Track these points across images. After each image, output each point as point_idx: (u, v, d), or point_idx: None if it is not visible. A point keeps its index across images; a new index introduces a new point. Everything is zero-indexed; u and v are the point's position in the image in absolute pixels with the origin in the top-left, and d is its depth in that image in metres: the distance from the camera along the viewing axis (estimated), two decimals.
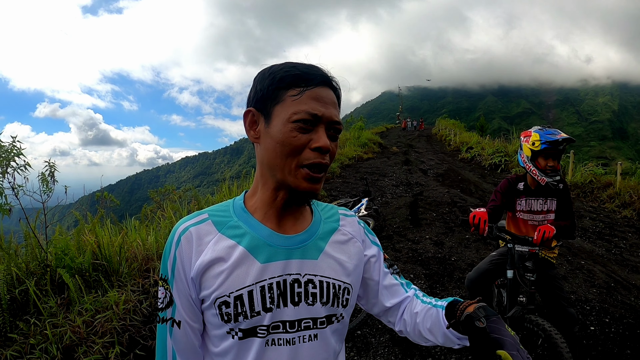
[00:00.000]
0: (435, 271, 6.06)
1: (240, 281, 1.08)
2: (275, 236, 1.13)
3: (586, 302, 5.02)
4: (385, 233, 8.08)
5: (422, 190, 12.34)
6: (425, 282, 5.66)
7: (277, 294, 1.09)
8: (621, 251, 7.26)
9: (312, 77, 1.07)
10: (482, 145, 21.37)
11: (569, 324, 3.24)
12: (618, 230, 8.58)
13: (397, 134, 39.42)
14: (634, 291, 5.48)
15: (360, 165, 18.01)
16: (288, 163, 1.06)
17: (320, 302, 1.14)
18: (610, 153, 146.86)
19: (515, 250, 3.18)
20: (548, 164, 3.27)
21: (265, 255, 1.10)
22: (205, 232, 1.12)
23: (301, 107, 1.04)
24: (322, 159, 1.06)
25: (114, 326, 3.70)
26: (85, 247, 4.68)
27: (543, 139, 3.29)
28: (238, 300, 1.07)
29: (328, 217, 1.28)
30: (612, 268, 6.35)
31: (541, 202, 3.45)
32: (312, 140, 1.05)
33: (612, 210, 10.15)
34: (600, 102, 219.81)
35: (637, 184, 10.75)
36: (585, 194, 11.57)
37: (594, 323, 4.58)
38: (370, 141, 25.34)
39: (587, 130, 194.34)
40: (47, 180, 5.01)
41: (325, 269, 1.16)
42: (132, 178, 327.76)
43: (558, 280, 3.38)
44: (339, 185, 13.26)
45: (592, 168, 12.50)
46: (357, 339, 4.44)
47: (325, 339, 1.16)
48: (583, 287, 5.45)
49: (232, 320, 1.08)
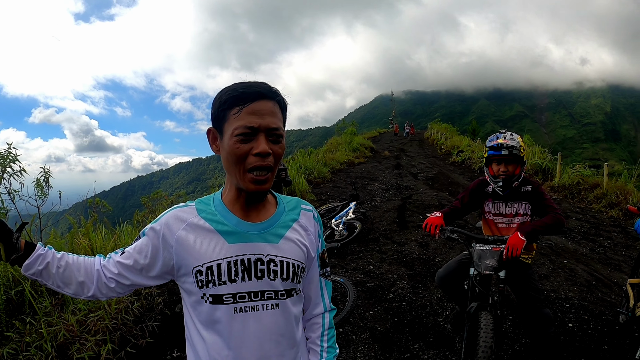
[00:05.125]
0: (419, 272, 6.12)
1: (211, 255, 1.36)
2: (242, 223, 1.41)
3: (566, 300, 5.08)
4: (372, 236, 8.14)
5: (411, 194, 12.39)
6: (408, 283, 5.72)
7: (242, 269, 1.36)
8: (605, 250, 7.36)
9: (248, 95, 1.30)
10: (473, 149, 21.51)
11: (543, 325, 3.27)
12: (604, 230, 8.68)
13: (389, 139, 39.56)
14: (615, 289, 5.56)
15: (352, 170, 18.10)
16: (238, 169, 1.32)
17: (281, 278, 1.41)
18: (603, 155, 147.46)
19: (476, 249, 3.20)
20: (500, 169, 3.33)
21: (233, 238, 1.38)
22: (187, 213, 1.42)
23: (240, 122, 1.29)
24: (262, 161, 1.30)
25: (106, 325, 3.94)
26: (79, 250, 4.86)
27: (487, 144, 3.40)
28: (209, 270, 1.35)
29: (291, 209, 1.54)
30: (594, 267, 6.43)
31: (508, 206, 3.46)
32: (253, 147, 1.29)
33: (598, 211, 10.25)
34: (592, 104, 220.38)
35: (623, 185, 10.86)
36: (573, 195, 11.68)
37: (573, 320, 4.64)
38: (362, 146, 25.45)
39: (580, 132, 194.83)
40: (42, 186, 5.08)
41: (287, 251, 1.43)
42: (126, 184, 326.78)
43: (533, 281, 3.39)
44: (329, 190, 13.33)
45: (580, 169, 12.56)
46: (339, 336, 4.49)
47: (285, 308, 1.43)
48: (564, 286, 5.52)
49: (204, 286, 1.35)
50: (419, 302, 5.17)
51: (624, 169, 12.39)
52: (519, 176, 3.34)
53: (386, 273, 6.11)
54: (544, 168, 13.88)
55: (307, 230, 1.54)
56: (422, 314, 4.89)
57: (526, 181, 3.42)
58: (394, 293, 5.43)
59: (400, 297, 5.30)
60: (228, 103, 1.31)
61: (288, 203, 1.56)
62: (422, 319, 4.79)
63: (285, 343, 1.45)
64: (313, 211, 1.60)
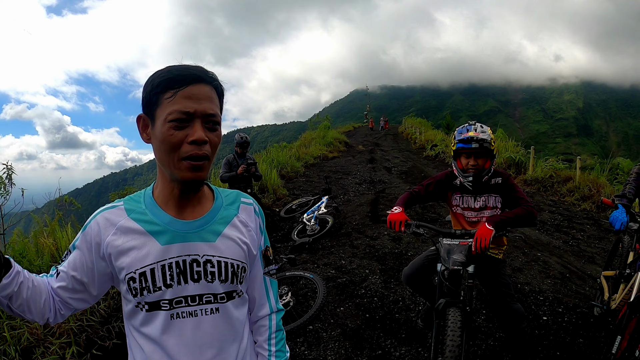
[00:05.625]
0: (391, 266, 5.99)
1: (143, 260, 1.24)
2: (175, 222, 1.29)
3: (540, 293, 5.00)
4: (345, 230, 8.01)
5: (384, 188, 12.33)
6: (380, 278, 5.58)
7: (177, 272, 1.26)
8: (578, 243, 7.35)
9: (184, 77, 1.19)
10: (446, 143, 21.51)
11: (515, 320, 3.19)
12: (576, 222, 8.70)
13: (364, 133, 39.52)
14: (589, 281, 5.51)
15: (325, 164, 18.00)
16: (172, 158, 1.19)
17: (219, 280, 1.30)
18: (576, 149, 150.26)
19: (443, 244, 3.05)
20: (470, 163, 3.16)
21: (166, 238, 1.26)
22: (115, 215, 1.29)
23: (174, 107, 1.17)
24: (198, 150, 1.19)
25: (71, 327, 3.84)
26: (44, 249, 4.83)
27: (457, 137, 3.22)
28: (142, 277, 1.24)
29: (229, 203, 1.42)
30: (568, 259, 6.39)
31: (477, 199, 3.29)
32: (188, 135, 1.18)
33: (571, 204, 10.30)
34: (565, 100, 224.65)
35: (596, 178, 10.94)
36: (546, 188, 11.72)
37: (547, 313, 4.56)
38: (336, 140, 25.38)
39: (553, 127, 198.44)
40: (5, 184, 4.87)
41: (224, 250, 1.32)
42: (99, 182, 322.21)
43: (503, 276, 3.28)
44: (302, 184, 13.19)
45: (553, 163, 12.66)
46: (309, 333, 4.39)
47: (227, 312, 1.33)
48: (538, 278, 5.45)
49: (138, 294, 1.24)
50: (391, 297, 5.03)
51: (596, 163, 12.54)
52: (488, 170, 3.18)
53: (358, 268, 5.96)
54: (517, 162, 13.93)
55: (247, 226, 1.43)
56: (394, 309, 4.76)
57: (496, 173, 3.27)
58: (365, 288, 5.29)
59: (372, 293, 5.16)
60: (162, 86, 1.19)
61: (227, 197, 1.44)
62: (394, 314, 4.66)
63: (228, 349, 1.36)
64: (254, 205, 1.49)
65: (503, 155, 14.06)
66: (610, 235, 7.70)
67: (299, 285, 5.41)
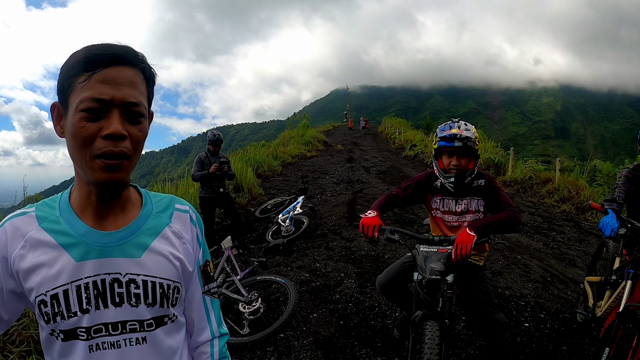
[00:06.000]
0: (367, 269, 5.75)
1: (54, 279, 1.01)
2: (92, 233, 1.05)
3: (521, 298, 4.83)
4: (320, 231, 7.77)
5: (362, 188, 12.15)
6: (355, 282, 5.35)
7: (95, 294, 1.03)
8: (559, 245, 7.22)
9: (101, 57, 0.96)
10: (426, 143, 21.49)
11: (497, 331, 2.96)
12: (556, 224, 8.60)
13: (343, 132, 39.47)
14: (571, 285, 5.36)
15: (303, 164, 17.73)
16: (83, 156, 0.97)
17: (145, 304, 1.07)
18: (553, 151, 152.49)
19: (420, 251, 2.79)
20: (452, 162, 2.91)
21: (81, 253, 1.03)
22: (25, 224, 1.05)
23: (86, 93, 0.94)
24: (114, 147, 0.95)
25: (32, 334, 3.64)
26: None
27: (439, 134, 2.96)
28: (54, 300, 1.01)
29: (160, 211, 1.19)
30: (549, 262, 6.24)
31: (459, 202, 3.06)
32: (102, 127, 0.95)
33: (551, 205, 10.27)
34: (544, 103, 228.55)
35: (575, 180, 10.97)
36: (525, 190, 11.67)
37: (529, 319, 4.39)
38: (315, 139, 25.23)
39: (531, 129, 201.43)
40: None
41: (152, 267, 1.09)
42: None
43: (484, 284, 3.06)
44: (279, 184, 12.93)
45: (532, 164, 12.70)
46: (279, 342, 4.16)
47: (156, 341, 1.10)
48: (518, 282, 5.28)
49: (51, 321, 1.02)
50: (367, 302, 4.80)
51: (575, 165, 12.61)
52: (472, 171, 2.93)
53: (333, 271, 5.73)
54: (496, 163, 13.93)
55: (181, 238, 1.19)
56: (369, 315, 4.53)
57: (479, 175, 3.03)
58: (340, 293, 5.05)
59: (347, 298, 4.92)
60: (76, 67, 0.97)
61: (158, 203, 1.21)
62: (370, 321, 4.42)
63: None
64: (190, 211, 1.25)
65: (483, 156, 14.00)
66: (591, 238, 7.62)
67: (271, 289, 5.16)
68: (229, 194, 7.44)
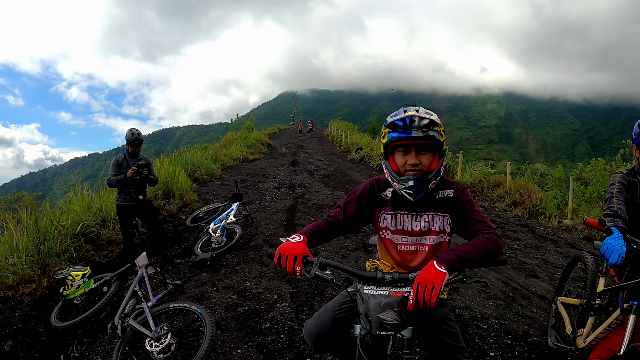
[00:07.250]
0: (304, 290, 4.97)
1: None
2: None
3: (482, 320, 4.22)
4: (255, 242, 6.94)
5: (304, 193, 11.45)
6: (290, 305, 4.56)
7: None
8: (516, 253, 6.75)
9: None
10: (372, 146, 21.11)
11: None
12: (510, 230, 8.23)
13: (289, 135, 38.82)
14: (535, 300, 4.82)
15: (244, 167, 16.86)
16: None
17: None
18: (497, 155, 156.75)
19: (364, 294, 1.87)
20: (408, 160, 2.07)
21: None
22: None
23: None
24: None
25: None
26: None
27: (389, 120, 2.12)
28: None
29: None
30: (508, 274, 5.69)
31: (418, 219, 2.20)
32: None
33: (502, 210, 10.05)
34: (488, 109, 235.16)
35: (526, 183, 10.82)
36: (475, 194, 11.36)
37: (494, 347, 3.78)
38: (258, 142, 24.52)
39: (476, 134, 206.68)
40: None
41: None
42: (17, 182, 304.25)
43: (450, 323, 2.19)
44: (217, 189, 12.02)
45: (482, 168, 12.65)
46: None
47: None
48: (477, 300, 4.68)
49: None
50: (301, 333, 3.96)
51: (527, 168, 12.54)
52: (436, 172, 2.10)
53: (265, 292, 4.92)
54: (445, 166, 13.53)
55: None
56: (304, 351, 3.75)
57: (446, 183, 2.23)
58: (271, 321, 4.26)
59: (279, 327, 4.14)
60: None
61: None
62: (305, 359, 3.65)
63: None
64: None
65: None
66: (548, 244, 7.21)
67: (188, 319, 4.30)
68: (150, 202, 6.51)
